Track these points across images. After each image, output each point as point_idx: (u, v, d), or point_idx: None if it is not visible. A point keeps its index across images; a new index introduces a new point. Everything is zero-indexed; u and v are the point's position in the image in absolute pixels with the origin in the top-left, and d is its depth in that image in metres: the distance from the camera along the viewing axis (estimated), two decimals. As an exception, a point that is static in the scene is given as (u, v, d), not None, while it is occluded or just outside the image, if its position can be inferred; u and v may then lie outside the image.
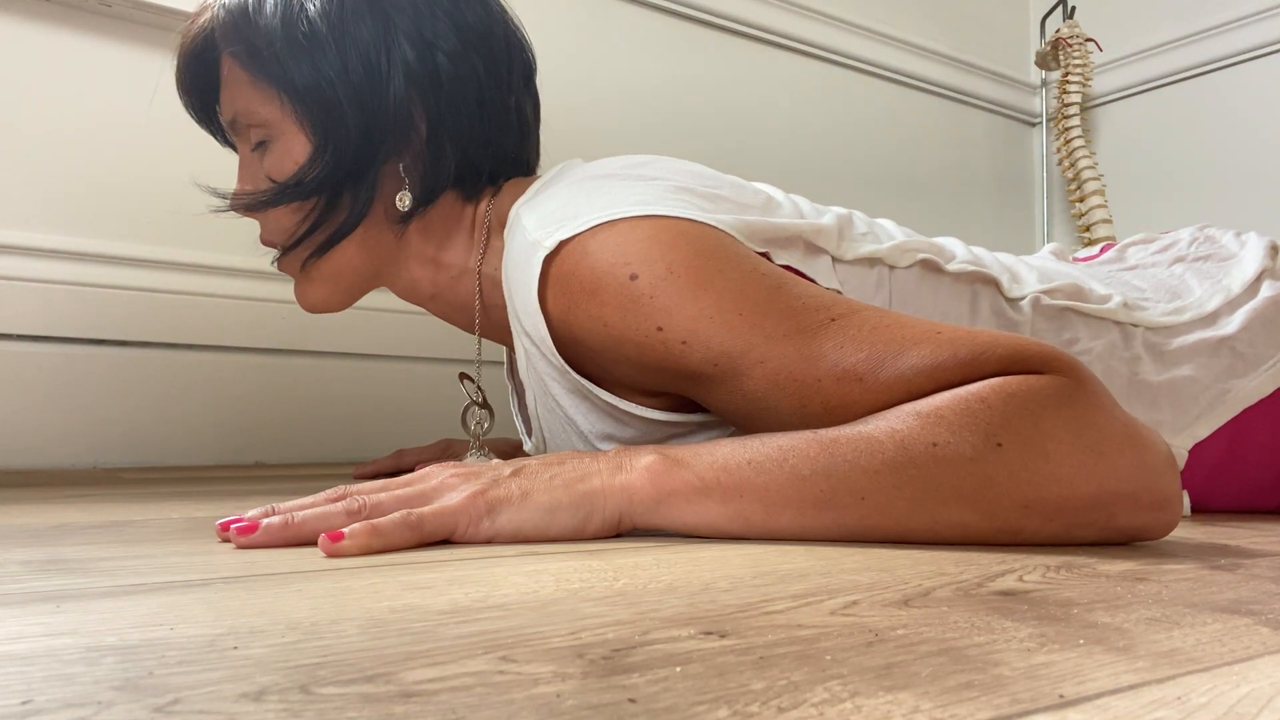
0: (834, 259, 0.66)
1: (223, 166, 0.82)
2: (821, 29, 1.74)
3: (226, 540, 0.47)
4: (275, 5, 0.66)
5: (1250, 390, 0.70)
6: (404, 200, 0.68)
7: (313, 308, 0.75)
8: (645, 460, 0.48)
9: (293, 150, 0.67)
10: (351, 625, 0.29)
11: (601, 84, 1.50)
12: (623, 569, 0.40)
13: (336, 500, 0.47)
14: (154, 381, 1.14)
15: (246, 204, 0.69)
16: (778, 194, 0.70)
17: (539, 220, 0.60)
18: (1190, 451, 0.70)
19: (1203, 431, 0.70)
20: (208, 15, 0.70)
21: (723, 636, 0.28)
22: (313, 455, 1.24)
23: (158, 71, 1.14)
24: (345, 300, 0.75)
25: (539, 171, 0.76)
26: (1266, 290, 0.74)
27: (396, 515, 0.45)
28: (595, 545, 0.47)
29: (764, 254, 0.61)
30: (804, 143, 1.73)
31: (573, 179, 0.64)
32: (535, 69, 0.75)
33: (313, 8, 0.65)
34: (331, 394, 1.26)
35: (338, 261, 0.71)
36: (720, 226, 0.58)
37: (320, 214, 0.68)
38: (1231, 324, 0.72)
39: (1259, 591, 0.38)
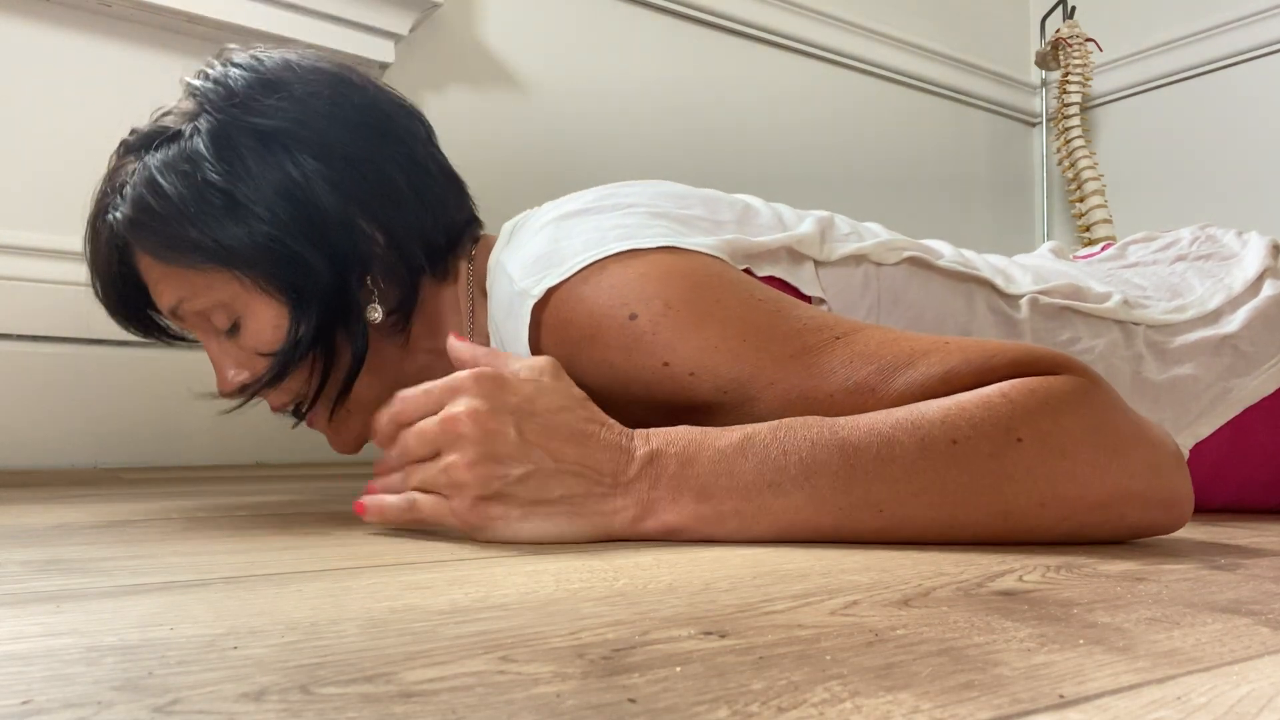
0: (817, 264, 0.65)
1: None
2: (821, 29, 1.74)
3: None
4: (174, 191, 0.61)
5: (1252, 389, 0.70)
6: (375, 312, 0.65)
7: (355, 447, 0.71)
8: (670, 517, 0.47)
9: (267, 317, 0.63)
10: (351, 625, 0.29)
11: (601, 84, 1.49)
12: (623, 569, 0.40)
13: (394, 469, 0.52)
14: (154, 381, 1.14)
15: (257, 389, 0.64)
16: (756, 202, 0.69)
17: (522, 266, 0.58)
18: (1191, 450, 0.70)
19: (1204, 430, 0.70)
20: (106, 234, 0.64)
21: (723, 636, 0.28)
22: (313, 455, 1.23)
23: (157, 72, 1.15)
24: None
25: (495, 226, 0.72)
26: (1268, 289, 0.74)
27: (402, 502, 0.49)
28: (595, 545, 0.47)
29: (746, 270, 0.60)
30: (804, 143, 1.73)
31: (547, 218, 0.62)
32: (431, 128, 0.71)
33: (211, 173, 0.60)
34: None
35: (361, 396, 0.67)
36: (707, 251, 0.58)
37: (326, 362, 0.64)
38: (1233, 323, 0.72)
39: (1259, 591, 0.38)
